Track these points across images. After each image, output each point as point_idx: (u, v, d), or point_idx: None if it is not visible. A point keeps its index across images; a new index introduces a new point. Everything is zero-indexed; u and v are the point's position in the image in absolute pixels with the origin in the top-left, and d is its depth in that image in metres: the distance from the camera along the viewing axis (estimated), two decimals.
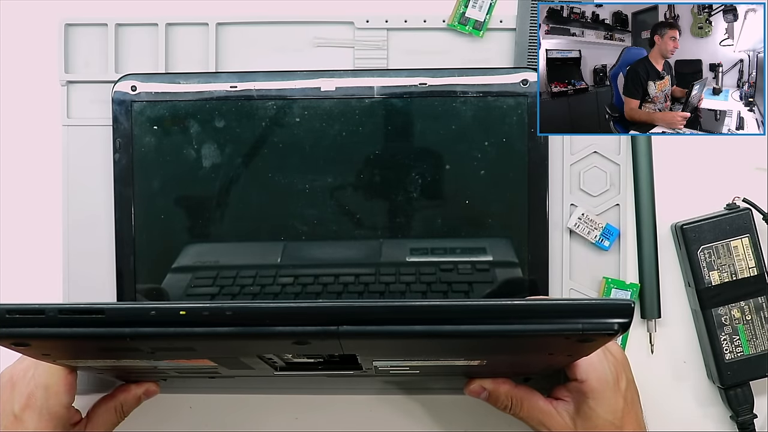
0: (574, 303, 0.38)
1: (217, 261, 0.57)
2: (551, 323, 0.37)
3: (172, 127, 0.58)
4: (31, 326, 0.37)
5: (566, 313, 0.37)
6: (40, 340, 0.38)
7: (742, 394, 0.59)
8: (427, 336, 0.37)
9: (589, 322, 0.36)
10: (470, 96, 0.57)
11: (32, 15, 0.62)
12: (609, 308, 0.37)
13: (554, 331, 0.37)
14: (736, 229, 0.58)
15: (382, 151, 0.58)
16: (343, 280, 0.57)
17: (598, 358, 0.50)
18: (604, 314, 0.37)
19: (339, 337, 0.37)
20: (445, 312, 0.37)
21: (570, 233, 0.59)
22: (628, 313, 0.36)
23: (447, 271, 0.57)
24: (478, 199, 0.57)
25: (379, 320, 0.37)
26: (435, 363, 0.47)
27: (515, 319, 0.37)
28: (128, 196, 0.58)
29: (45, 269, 0.61)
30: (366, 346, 0.41)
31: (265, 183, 0.57)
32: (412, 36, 0.60)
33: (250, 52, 0.61)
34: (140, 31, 0.61)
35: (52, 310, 0.37)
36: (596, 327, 0.36)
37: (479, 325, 0.37)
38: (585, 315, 0.37)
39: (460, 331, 0.37)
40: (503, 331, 0.37)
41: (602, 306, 0.37)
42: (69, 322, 0.37)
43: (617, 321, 0.36)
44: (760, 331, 0.58)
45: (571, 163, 0.60)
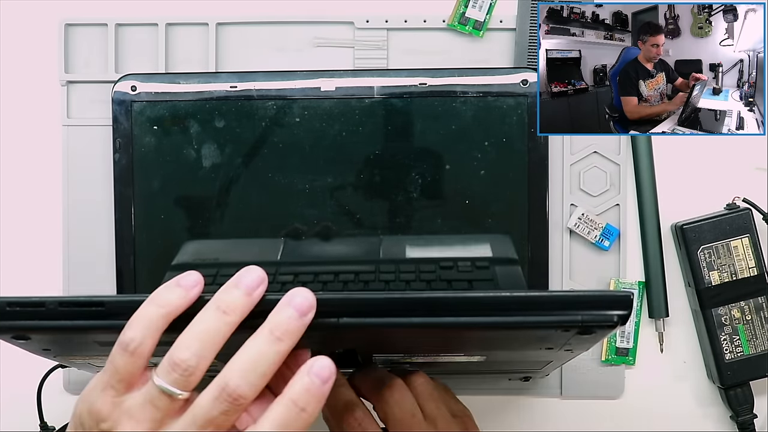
0: (573, 294, 0.38)
1: (216, 258, 0.57)
2: (551, 315, 0.37)
3: (172, 127, 0.58)
4: (32, 319, 0.37)
5: (565, 304, 0.37)
6: (40, 333, 0.38)
7: (742, 394, 0.58)
8: (427, 327, 0.37)
9: (588, 313, 0.36)
10: (470, 96, 0.57)
11: (32, 15, 0.62)
12: (608, 300, 0.37)
13: (553, 323, 0.37)
14: (736, 229, 0.58)
15: (382, 151, 0.58)
16: (343, 278, 0.57)
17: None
18: (604, 306, 0.37)
19: (339, 329, 0.37)
20: (445, 303, 0.37)
21: (570, 233, 0.59)
22: (627, 304, 0.36)
23: (447, 269, 0.57)
24: (478, 199, 0.57)
25: (378, 312, 0.37)
26: (434, 360, 0.47)
27: (515, 310, 0.37)
28: (128, 196, 0.58)
29: (45, 269, 0.61)
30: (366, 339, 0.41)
31: (265, 183, 0.57)
32: (412, 36, 0.61)
33: (250, 52, 0.61)
34: (140, 31, 0.61)
35: (52, 303, 0.37)
36: (596, 318, 0.36)
37: (479, 317, 0.37)
38: (584, 306, 0.37)
39: (459, 322, 0.37)
40: (503, 323, 0.37)
41: (601, 297, 0.37)
42: (69, 314, 0.37)
43: (617, 313, 0.36)
44: (760, 331, 0.58)
45: (571, 163, 0.60)
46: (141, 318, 0.36)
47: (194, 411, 0.35)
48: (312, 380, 0.35)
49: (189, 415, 0.35)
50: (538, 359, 0.49)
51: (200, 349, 0.35)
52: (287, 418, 0.35)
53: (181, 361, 0.34)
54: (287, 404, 0.35)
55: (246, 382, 0.34)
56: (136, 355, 0.35)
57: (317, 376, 0.35)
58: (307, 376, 0.35)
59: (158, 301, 0.36)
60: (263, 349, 0.35)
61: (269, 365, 0.35)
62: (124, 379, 0.36)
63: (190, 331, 0.35)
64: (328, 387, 0.35)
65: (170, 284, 0.36)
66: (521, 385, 0.60)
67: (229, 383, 0.34)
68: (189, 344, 0.35)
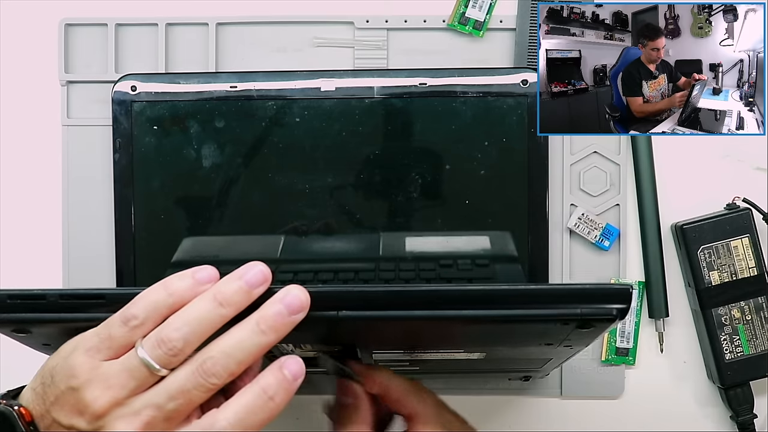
0: (572, 287, 0.38)
1: (216, 256, 0.57)
2: (550, 308, 0.37)
3: (172, 127, 0.58)
4: (32, 312, 0.37)
5: (565, 297, 0.37)
6: (41, 326, 0.39)
7: (742, 394, 0.58)
8: (426, 320, 0.37)
9: (587, 306, 0.36)
10: (470, 96, 0.57)
11: (32, 15, 0.62)
12: (607, 293, 0.37)
13: (553, 316, 0.37)
14: (736, 229, 0.58)
15: (382, 151, 0.58)
16: (343, 276, 0.57)
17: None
18: (603, 299, 0.37)
19: (339, 323, 0.37)
20: (445, 296, 0.37)
21: (570, 233, 0.59)
22: (626, 297, 0.36)
23: (446, 267, 0.57)
24: (478, 199, 0.57)
25: (378, 305, 0.37)
26: (434, 358, 0.47)
27: (514, 303, 0.37)
28: (128, 195, 0.58)
29: (45, 269, 0.61)
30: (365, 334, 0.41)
31: (265, 183, 0.57)
32: (412, 36, 0.60)
33: (250, 52, 0.61)
34: (140, 31, 0.61)
35: (53, 296, 0.37)
36: (595, 312, 0.36)
37: (478, 310, 0.37)
38: (583, 300, 0.37)
39: (459, 315, 0.37)
40: (502, 316, 0.37)
41: (600, 290, 0.37)
42: (70, 307, 0.37)
43: (616, 306, 0.36)
44: (760, 331, 0.58)
45: (571, 163, 0.60)
46: (148, 299, 0.36)
47: (168, 382, 0.36)
48: (284, 373, 0.36)
49: (162, 386, 0.36)
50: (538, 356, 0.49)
51: (189, 333, 0.35)
52: (254, 404, 0.36)
53: (169, 341, 0.35)
54: (256, 391, 0.36)
55: (221, 365, 0.35)
56: (133, 332, 0.36)
57: (289, 370, 0.36)
58: (279, 370, 0.36)
59: (169, 288, 0.36)
60: (245, 338, 0.36)
61: (246, 355, 0.36)
62: (113, 347, 0.36)
63: (184, 313, 0.36)
64: (297, 384, 0.36)
65: (185, 274, 0.37)
66: (521, 385, 0.60)
67: (206, 361, 0.35)
68: (179, 326, 0.35)
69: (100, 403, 0.35)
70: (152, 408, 0.35)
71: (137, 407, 0.36)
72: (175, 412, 0.36)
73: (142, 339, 0.36)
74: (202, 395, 0.36)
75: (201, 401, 0.36)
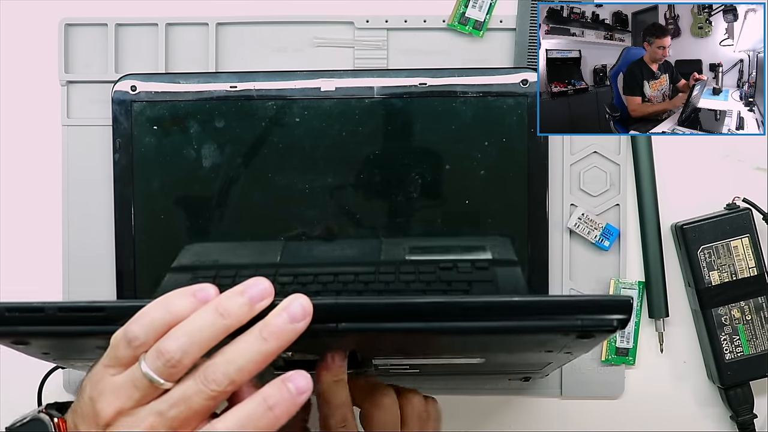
0: (572, 299, 0.38)
1: (216, 260, 0.57)
2: (550, 319, 0.37)
3: (172, 127, 0.58)
4: (31, 324, 0.37)
5: (565, 309, 0.37)
6: (40, 338, 0.39)
7: (742, 394, 0.59)
8: (426, 332, 0.37)
9: (587, 318, 0.36)
10: (470, 96, 0.57)
11: (32, 15, 0.62)
12: (607, 304, 0.37)
13: (553, 328, 0.37)
14: (736, 229, 0.58)
15: (382, 151, 0.58)
16: (343, 279, 0.57)
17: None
18: (603, 310, 0.37)
19: (338, 335, 0.37)
20: (445, 309, 0.37)
21: (570, 233, 0.59)
22: (626, 309, 0.36)
23: (446, 269, 0.57)
24: (478, 199, 0.57)
25: (378, 317, 0.37)
26: (435, 361, 0.47)
27: (514, 315, 0.37)
28: (128, 196, 0.58)
29: (45, 269, 0.61)
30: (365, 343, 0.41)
31: (265, 183, 0.57)
32: (412, 36, 0.60)
33: (250, 52, 0.61)
34: (140, 31, 0.61)
35: (51, 308, 0.37)
36: (595, 323, 0.36)
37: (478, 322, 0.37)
38: (583, 311, 0.37)
39: (459, 327, 0.37)
40: (502, 328, 0.37)
41: (601, 302, 0.37)
42: (68, 319, 0.37)
43: (616, 317, 0.36)
44: (760, 331, 0.58)
45: (571, 163, 0.60)
46: (148, 319, 0.37)
47: (171, 390, 0.36)
48: (287, 386, 0.36)
49: (166, 395, 0.36)
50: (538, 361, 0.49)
51: (187, 344, 0.36)
52: (254, 413, 0.36)
53: (166, 352, 0.36)
54: (257, 400, 0.36)
55: (221, 371, 0.36)
56: (136, 350, 0.37)
57: (294, 384, 0.36)
58: (282, 383, 0.36)
59: (169, 307, 0.37)
60: (247, 346, 0.36)
61: (249, 362, 0.36)
62: (121, 363, 0.37)
63: (184, 325, 0.36)
64: (301, 399, 0.36)
65: (185, 292, 0.37)
66: (521, 385, 0.60)
67: (207, 368, 0.36)
68: (178, 337, 0.36)
69: (108, 411, 0.37)
70: (155, 415, 0.36)
71: (142, 415, 0.36)
72: (176, 419, 0.36)
73: (146, 353, 0.36)
74: (203, 402, 0.36)
75: (203, 409, 0.36)
